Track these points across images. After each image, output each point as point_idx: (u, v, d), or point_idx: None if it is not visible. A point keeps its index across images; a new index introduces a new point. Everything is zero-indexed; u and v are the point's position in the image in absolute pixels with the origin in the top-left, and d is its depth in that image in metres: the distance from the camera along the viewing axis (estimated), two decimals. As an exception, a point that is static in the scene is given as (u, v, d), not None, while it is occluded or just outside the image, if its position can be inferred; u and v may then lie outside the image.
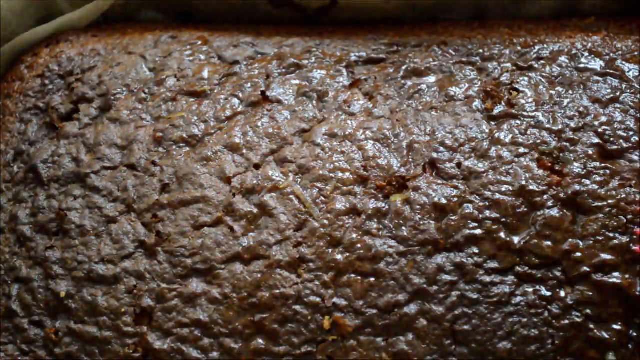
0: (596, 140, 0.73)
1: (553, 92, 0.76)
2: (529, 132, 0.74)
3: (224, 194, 0.73)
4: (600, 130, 0.73)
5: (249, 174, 0.74)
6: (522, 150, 0.73)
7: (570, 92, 0.76)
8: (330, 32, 0.87)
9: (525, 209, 0.70)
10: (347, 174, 0.73)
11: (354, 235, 0.70)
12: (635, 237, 0.68)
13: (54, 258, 0.73)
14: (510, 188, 0.71)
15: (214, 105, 0.80)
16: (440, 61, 0.80)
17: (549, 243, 0.69)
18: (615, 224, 0.69)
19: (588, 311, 0.67)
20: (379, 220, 0.71)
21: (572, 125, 0.74)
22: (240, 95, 0.80)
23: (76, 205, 0.74)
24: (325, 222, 0.71)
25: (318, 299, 0.69)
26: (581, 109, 0.75)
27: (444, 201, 0.71)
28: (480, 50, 0.80)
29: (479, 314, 0.68)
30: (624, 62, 0.78)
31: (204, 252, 0.71)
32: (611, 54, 0.79)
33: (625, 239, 0.69)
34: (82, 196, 0.75)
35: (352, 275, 0.70)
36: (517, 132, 0.74)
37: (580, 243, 0.69)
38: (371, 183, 0.72)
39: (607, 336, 0.67)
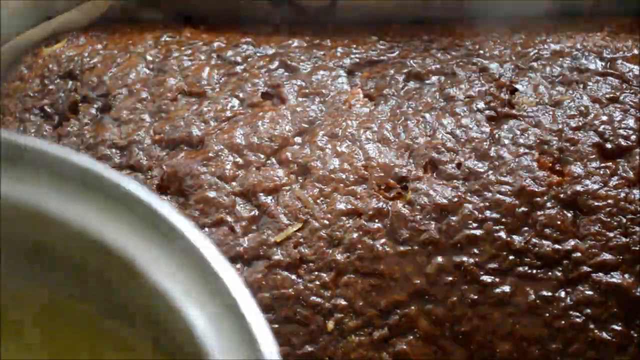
0: (596, 140, 0.73)
1: (553, 92, 0.76)
2: (529, 132, 0.74)
3: (225, 194, 0.73)
4: (600, 129, 0.73)
5: (249, 174, 0.74)
6: (522, 150, 0.73)
7: (571, 91, 0.76)
8: (330, 32, 0.86)
9: (525, 209, 0.70)
10: (348, 174, 0.73)
11: (355, 236, 0.70)
12: None
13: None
14: (510, 188, 0.71)
15: (214, 105, 0.79)
16: (440, 61, 0.80)
17: (549, 243, 0.69)
18: (615, 223, 0.69)
19: (588, 311, 0.67)
20: (380, 221, 0.71)
21: (572, 124, 0.74)
22: (241, 95, 0.80)
23: (76, 206, 0.74)
24: (326, 222, 0.71)
25: (318, 299, 0.69)
26: (581, 109, 0.75)
27: (444, 201, 0.71)
28: (481, 51, 0.80)
29: (479, 314, 0.68)
30: (624, 62, 0.78)
31: (204, 253, 0.71)
32: (611, 54, 0.79)
33: (625, 239, 0.69)
34: (83, 196, 0.75)
35: (353, 276, 0.70)
36: (517, 132, 0.74)
37: (580, 243, 0.69)
38: (372, 183, 0.72)
39: (607, 337, 0.67)
